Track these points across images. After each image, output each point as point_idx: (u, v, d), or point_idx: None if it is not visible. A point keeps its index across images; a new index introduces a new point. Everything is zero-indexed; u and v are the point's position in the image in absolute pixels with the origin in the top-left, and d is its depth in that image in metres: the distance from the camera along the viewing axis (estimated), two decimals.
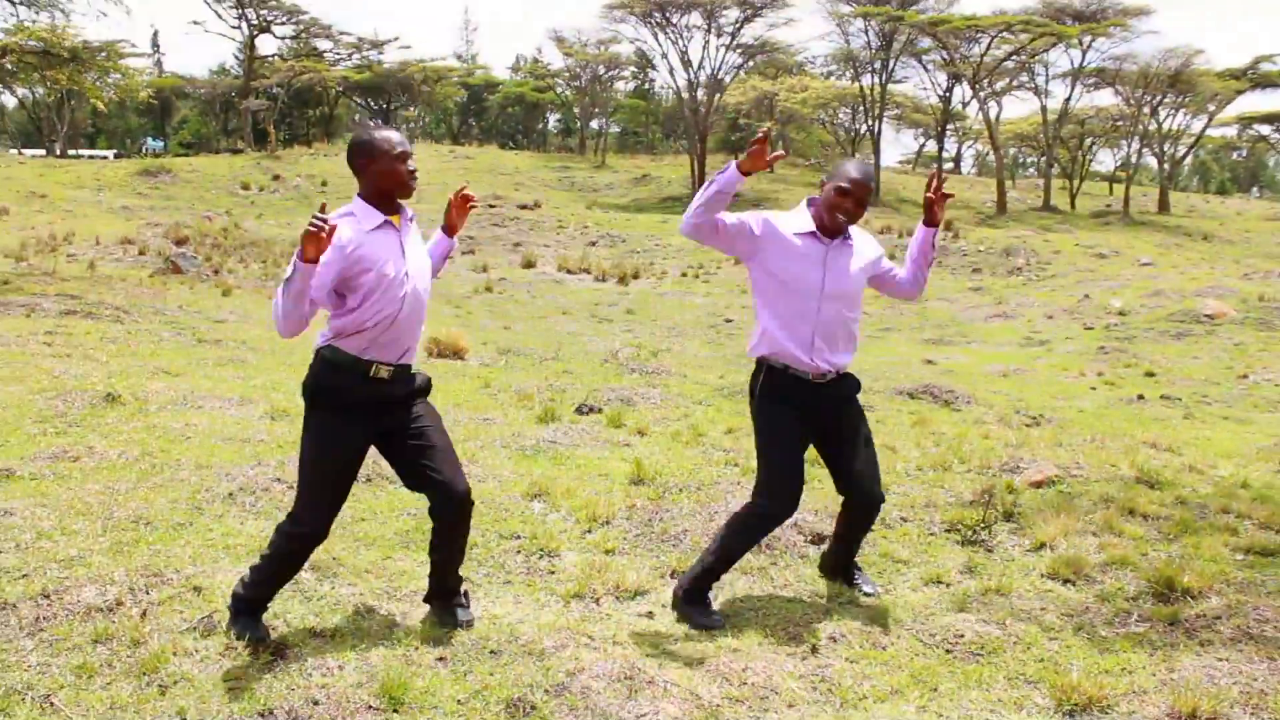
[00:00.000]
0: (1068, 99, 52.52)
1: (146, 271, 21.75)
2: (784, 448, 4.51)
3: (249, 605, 4.08)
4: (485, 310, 21.11)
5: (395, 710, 3.54)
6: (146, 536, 5.09)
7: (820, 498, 6.17)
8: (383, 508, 5.68)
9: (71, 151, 65.11)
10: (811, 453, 4.79)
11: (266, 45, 65.34)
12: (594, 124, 75.45)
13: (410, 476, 4.17)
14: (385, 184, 3.96)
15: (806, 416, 4.52)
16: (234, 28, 62.42)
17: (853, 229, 4.59)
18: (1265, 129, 65.86)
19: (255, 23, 61.46)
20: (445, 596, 4.37)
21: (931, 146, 70.00)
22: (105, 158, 59.89)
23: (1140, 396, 12.74)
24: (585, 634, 4.22)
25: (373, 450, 4.13)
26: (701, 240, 4.39)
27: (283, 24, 63.74)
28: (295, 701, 3.52)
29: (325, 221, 3.61)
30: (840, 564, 5.03)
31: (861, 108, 58.54)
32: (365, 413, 4.01)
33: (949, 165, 70.37)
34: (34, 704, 3.49)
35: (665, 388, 10.42)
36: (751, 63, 60.11)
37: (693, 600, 4.55)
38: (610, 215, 42.09)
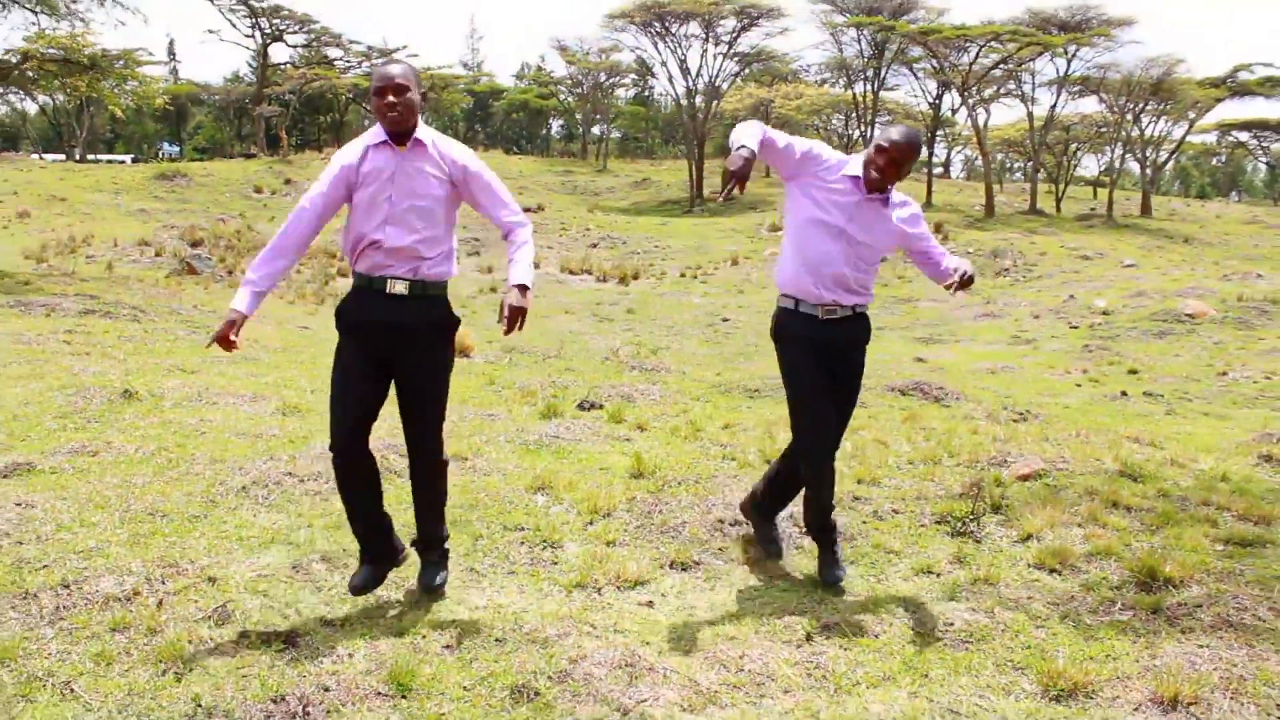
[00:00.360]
0: (1053, 106, 52.90)
1: (163, 272, 21.96)
2: (803, 386, 4.80)
3: (360, 543, 4.43)
4: (490, 310, 21.25)
5: (403, 697, 3.63)
6: (163, 528, 5.21)
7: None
8: (390, 500, 5.78)
9: (90, 156, 65.46)
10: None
11: (279, 53, 65.61)
12: (596, 129, 75.74)
13: (401, 416, 4.41)
14: (378, 116, 4.16)
15: (819, 355, 4.77)
16: (248, 36, 62.75)
17: (903, 198, 4.80)
18: (1243, 135, 66.60)
19: (268, 32, 61.77)
20: (424, 546, 4.63)
21: (922, 152, 69.99)
22: (123, 162, 60.10)
23: (1123, 393, 12.82)
24: (587, 623, 4.32)
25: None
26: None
27: (295, 33, 64.04)
28: (306, 688, 3.62)
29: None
30: (768, 511, 5.33)
31: (854, 114, 58.86)
32: (369, 333, 4.19)
33: (939, 170, 70.45)
34: (54, 690, 3.59)
35: (664, 385, 10.52)
36: (748, 70, 60.56)
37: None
38: (611, 218, 42.21)
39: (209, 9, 68.05)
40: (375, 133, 4.20)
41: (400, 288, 4.15)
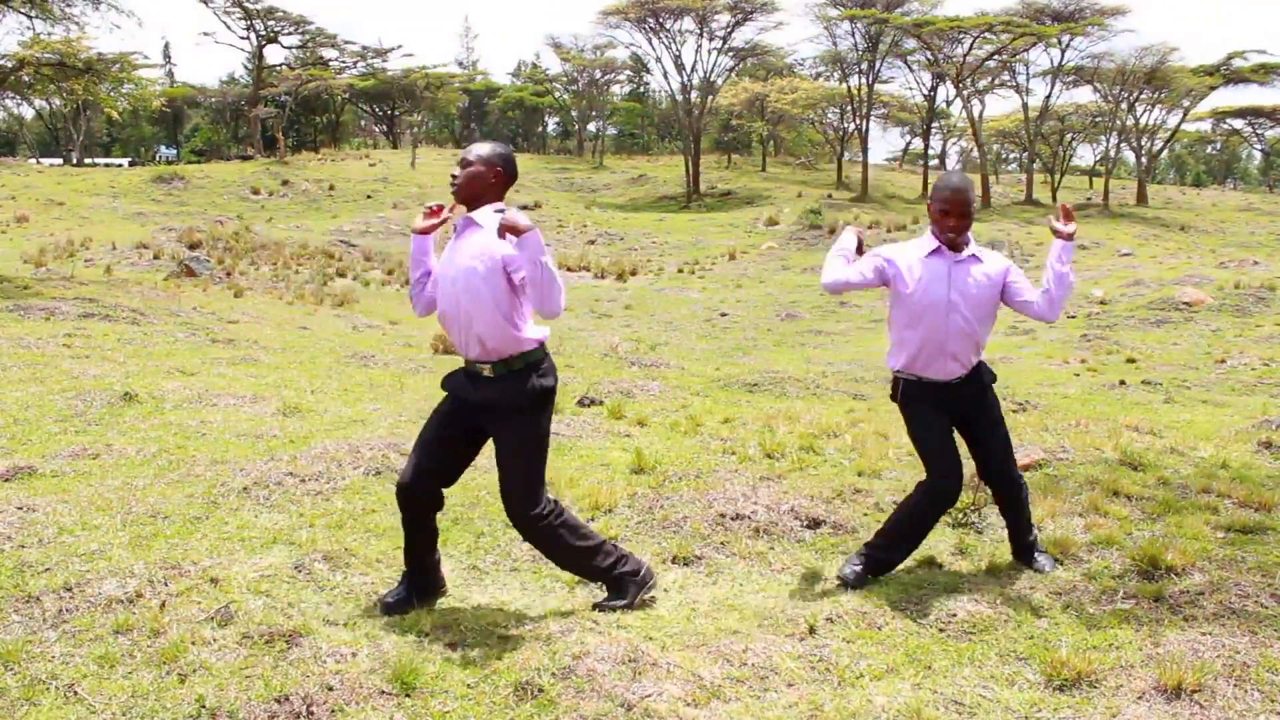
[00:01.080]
0: (1048, 96, 53.24)
1: (161, 275, 21.96)
2: (930, 435, 4.91)
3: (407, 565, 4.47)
4: None
5: (407, 695, 3.63)
6: (164, 530, 5.21)
7: (814, 483, 6.27)
8: (393, 500, 5.77)
9: (88, 160, 65.45)
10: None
11: (274, 55, 65.73)
12: (591, 126, 75.85)
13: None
14: None
15: (945, 406, 4.90)
16: (243, 38, 62.71)
17: (981, 250, 4.94)
18: (1238, 123, 66.81)
19: (263, 33, 61.78)
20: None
21: (918, 144, 70.21)
22: (120, 166, 60.11)
23: (1122, 382, 12.83)
24: (590, 618, 4.33)
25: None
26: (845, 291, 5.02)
27: (290, 34, 64.08)
28: (310, 688, 3.61)
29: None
30: (1019, 546, 5.21)
31: (850, 107, 58.97)
32: (453, 396, 4.36)
33: (934, 162, 70.58)
34: (58, 693, 3.59)
35: (664, 380, 10.53)
36: (743, 65, 60.60)
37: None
38: (608, 214, 42.25)
39: (204, 11, 68.19)
40: None
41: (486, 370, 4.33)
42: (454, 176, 4.30)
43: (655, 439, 7.66)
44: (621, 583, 4.52)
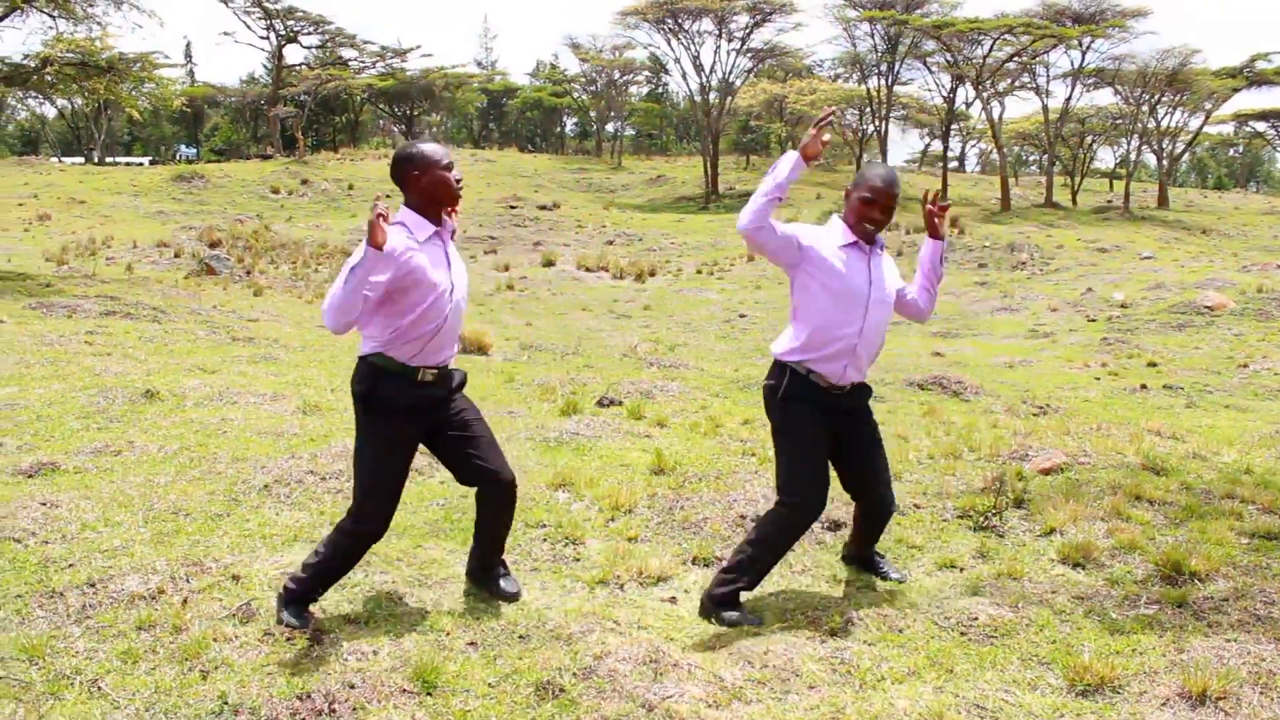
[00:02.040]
0: (1068, 98, 52.54)
1: (181, 273, 22.08)
2: (804, 449, 4.54)
3: (301, 597, 4.22)
4: (507, 307, 21.30)
5: (428, 693, 3.64)
6: (186, 527, 5.24)
7: (832, 486, 6.25)
8: (412, 498, 5.79)
9: (109, 159, 65.81)
10: None
11: (294, 55, 65.77)
12: (610, 127, 75.79)
13: (459, 469, 4.38)
14: (435, 193, 4.12)
15: (825, 418, 4.55)
16: (263, 38, 62.82)
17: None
18: (1261, 125, 65.98)
19: (283, 33, 61.91)
20: (488, 571, 4.60)
21: (937, 146, 69.88)
22: (141, 164, 60.40)
23: (1144, 386, 12.75)
24: (610, 619, 4.33)
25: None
26: (759, 241, 4.37)
27: (309, 34, 64.17)
28: (332, 685, 3.63)
29: (385, 211, 3.77)
30: (861, 555, 5.13)
31: (868, 109, 58.65)
32: (415, 414, 4.17)
33: (954, 164, 70.23)
34: (82, 688, 3.62)
35: (683, 381, 10.52)
36: (761, 66, 60.46)
37: (727, 605, 4.53)
38: (627, 215, 42.22)
39: (224, 11, 68.51)
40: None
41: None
42: (459, 180, 4.21)
43: (675, 440, 7.65)
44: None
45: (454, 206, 4.23)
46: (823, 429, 4.54)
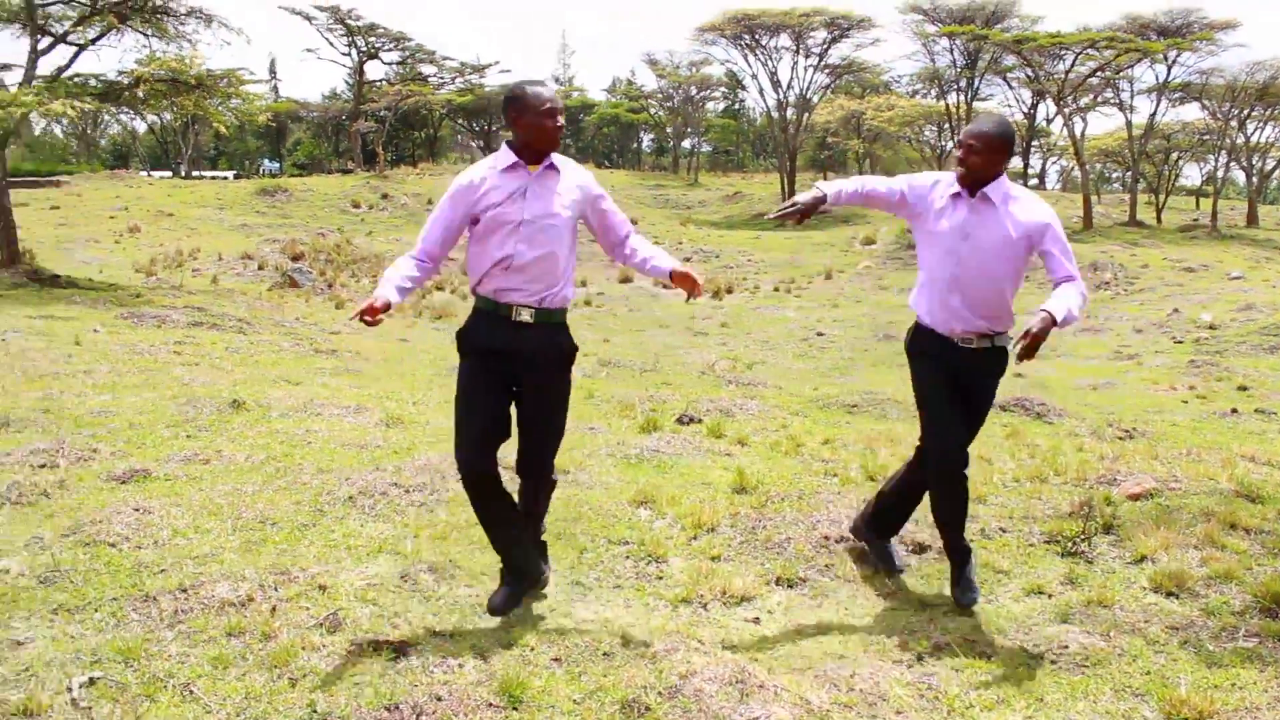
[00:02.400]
0: (1153, 114, 51.25)
1: (265, 285, 22.52)
2: (934, 401, 4.74)
3: (503, 562, 4.54)
4: (585, 323, 21.37)
5: (514, 708, 3.64)
6: (273, 536, 5.31)
7: (922, 508, 6.16)
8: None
9: (195, 173, 67.39)
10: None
11: (375, 71, 66.85)
12: (686, 143, 75.79)
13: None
14: (530, 137, 4.21)
15: (950, 371, 4.71)
16: (344, 55, 63.98)
17: (1023, 193, 4.66)
18: None
19: (364, 50, 63.03)
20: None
21: (1017, 162, 68.83)
22: (226, 178, 61.72)
23: (1234, 410, 12.39)
24: (695, 638, 4.29)
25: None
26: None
27: (390, 50, 65.23)
28: (419, 697, 3.65)
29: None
30: (887, 524, 5.35)
31: (947, 125, 57.89)
32: (499, 358, 4.27)
33: (1034, 181, 69.06)
34: (175, 691, 3.69)
35: (762, 399, 10.45)
36: (838, 82, 60.16)
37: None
38: (704, 232, 42.20)
39: (308, 28, 69.77)
40: (504, 155, 4.27)
41: (526, 315, 4.25)
42: (559, 125, 4.24)
43: (756, 458, 7.60)
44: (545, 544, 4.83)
45: (551, 150, 4.28)
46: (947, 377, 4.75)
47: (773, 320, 23.93)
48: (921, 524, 5.85)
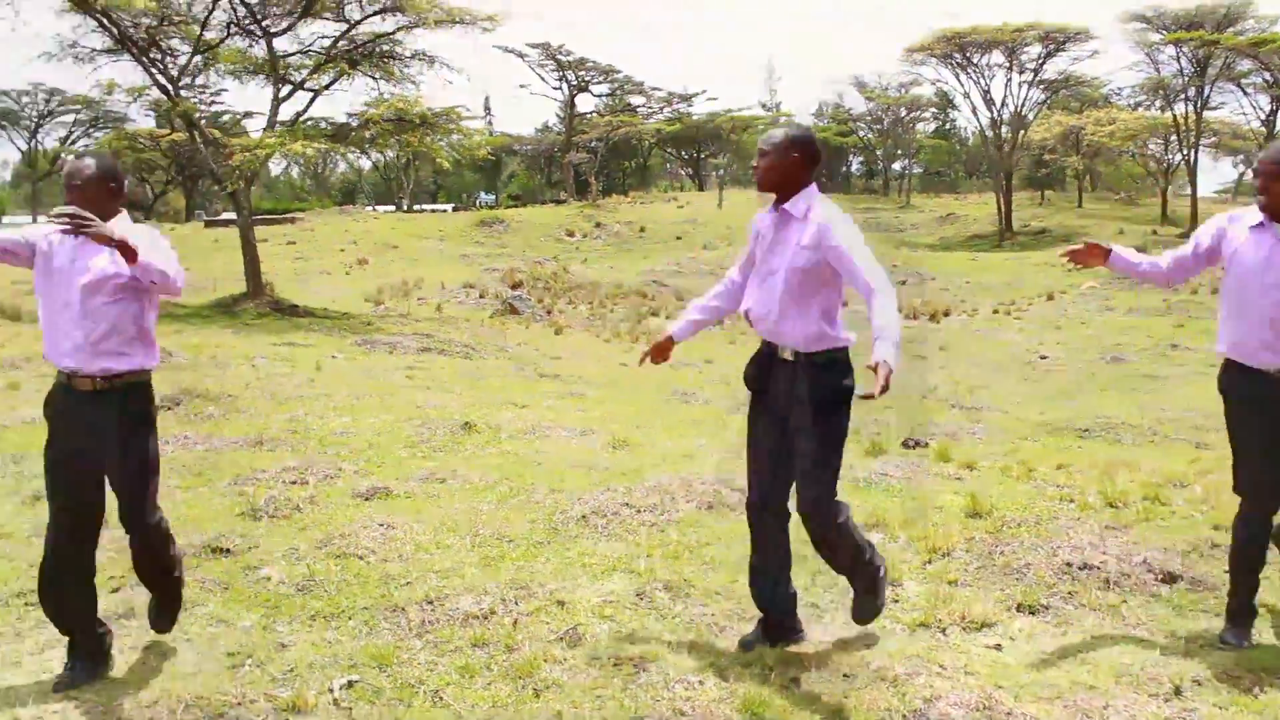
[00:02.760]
0: None
1: (486, 313, 23.32)
2: (1251, 447, 4.42)
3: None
4: None
5: None
6: (510, 553, 5.46)
7: (1164, 535, 5.84)
8: (727, 533, 5.81)
9: (416, 206, 70.61)
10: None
11: (585, 103, 68.69)
12: (897, 165, 74.71)
13: None
14: (760, 181, 4.41)
15: (1270, 410, 4.35)
16: (555, 89, 65.98)
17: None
18: None
19: (575, 83, 64.86)
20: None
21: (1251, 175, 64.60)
22: (445, 211, 64.38)
23: None
24: (936, 662, 4.18)
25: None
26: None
27: (599, 83, 66.95)
28: (663, 710, 3.68)
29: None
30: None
31: (1174, 137, 54.75)
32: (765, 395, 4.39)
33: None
34: (426, 697, 3.84)
35: (987, 423, 10.17)
36: (1055, 97, 57.91)
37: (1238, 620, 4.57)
38: (919, 254, 41.45)
39: (520, 65, 72.16)
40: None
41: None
42: (754, 167, 4.34)
43: (987, 483, 7.36)
44: (880, 582, 4.53)
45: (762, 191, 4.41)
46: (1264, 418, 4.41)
47: (993, 344, 23.26)
48: (1170, 552, 5.55)
